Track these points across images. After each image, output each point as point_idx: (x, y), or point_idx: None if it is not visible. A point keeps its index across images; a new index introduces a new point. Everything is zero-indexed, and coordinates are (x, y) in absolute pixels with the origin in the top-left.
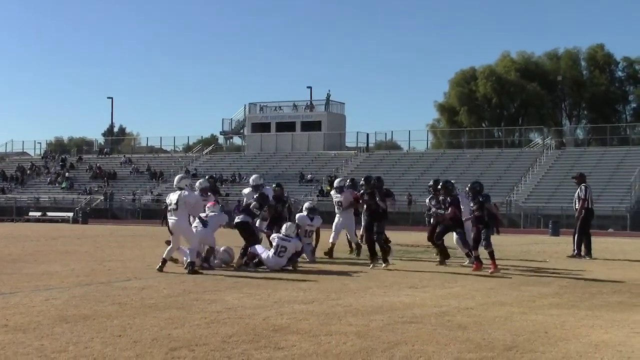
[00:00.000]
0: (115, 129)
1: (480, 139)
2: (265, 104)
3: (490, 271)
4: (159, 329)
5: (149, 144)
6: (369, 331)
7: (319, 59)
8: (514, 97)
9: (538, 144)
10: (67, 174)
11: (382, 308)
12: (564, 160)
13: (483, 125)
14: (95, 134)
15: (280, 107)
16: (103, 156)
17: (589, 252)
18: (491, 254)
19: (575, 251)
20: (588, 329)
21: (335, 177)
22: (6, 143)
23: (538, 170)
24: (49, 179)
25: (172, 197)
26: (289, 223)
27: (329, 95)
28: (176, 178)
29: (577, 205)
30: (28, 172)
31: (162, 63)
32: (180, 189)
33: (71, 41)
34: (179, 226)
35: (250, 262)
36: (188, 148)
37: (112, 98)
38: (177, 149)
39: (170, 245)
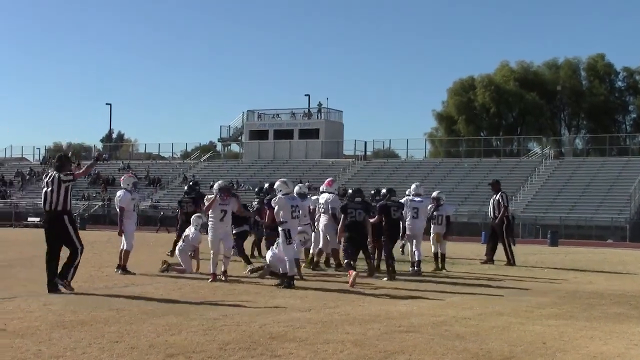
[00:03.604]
0: (114, 135)
1: (479, 148)
2: (263, 112)
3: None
4: (156, 336)
5: (147, 151)
6: (366, 340)
7: (317, 67)
8: (513, 106)
9: (536, 153)
10: None
11: (380, 317)
12: (563, 170)
13: (481, 134)
14: (93, 140)
15: (278, 114)
16: (101, 162)
17: (491, 259)
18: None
19: (511, 259)
20: (587, 340)
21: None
22: (5, 148)
23: (537, 180)
24: None
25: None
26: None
27: (320, 105)
28: (296, 187)
29: (495, 212)
30: (27, 177)
31: (161, 70)
32: (306, 195)
33: (70, 47)
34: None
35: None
36: (186, 155)
37: (110, 104)
38: (175, 155)
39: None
